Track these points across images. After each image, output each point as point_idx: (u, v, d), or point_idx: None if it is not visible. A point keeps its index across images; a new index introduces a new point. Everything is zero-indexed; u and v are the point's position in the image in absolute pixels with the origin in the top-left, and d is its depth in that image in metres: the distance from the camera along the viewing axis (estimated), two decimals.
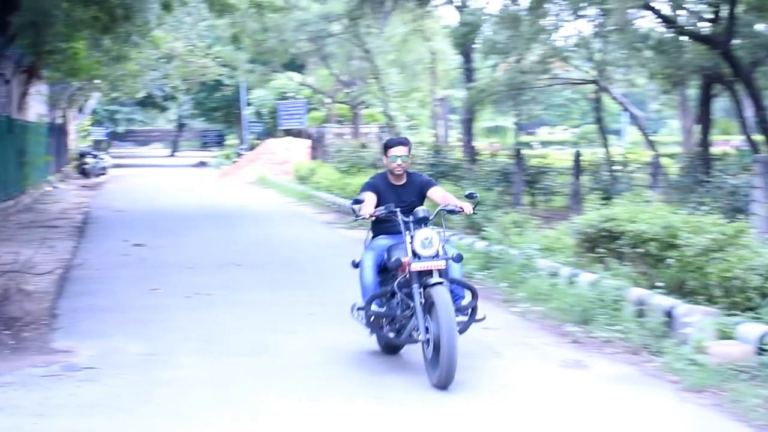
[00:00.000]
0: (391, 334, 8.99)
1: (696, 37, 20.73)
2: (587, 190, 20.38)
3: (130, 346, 10.07)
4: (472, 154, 30.50)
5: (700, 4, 21.66)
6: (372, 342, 9.78)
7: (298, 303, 12.63)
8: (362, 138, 41.75)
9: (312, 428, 7.28)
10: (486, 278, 14.04)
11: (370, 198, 9.17)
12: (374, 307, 8.92)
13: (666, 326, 9.87)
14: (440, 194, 9.46)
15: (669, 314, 9.92)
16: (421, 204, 9.29)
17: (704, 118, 22.39)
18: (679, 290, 10.74)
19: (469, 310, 8.86)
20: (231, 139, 74.02)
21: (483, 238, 16.00)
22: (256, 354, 9.68)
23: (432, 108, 46.07)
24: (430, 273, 8.51)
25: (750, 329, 8.88)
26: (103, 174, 49.33)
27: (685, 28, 20.89)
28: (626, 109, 36.09)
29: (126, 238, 20.10)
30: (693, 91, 27.56)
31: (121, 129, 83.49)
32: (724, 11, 19.86)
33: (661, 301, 10.24)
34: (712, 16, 20.65)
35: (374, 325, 8.97)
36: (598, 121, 31.13)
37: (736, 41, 19.99)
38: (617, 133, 62.75)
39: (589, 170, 22.24)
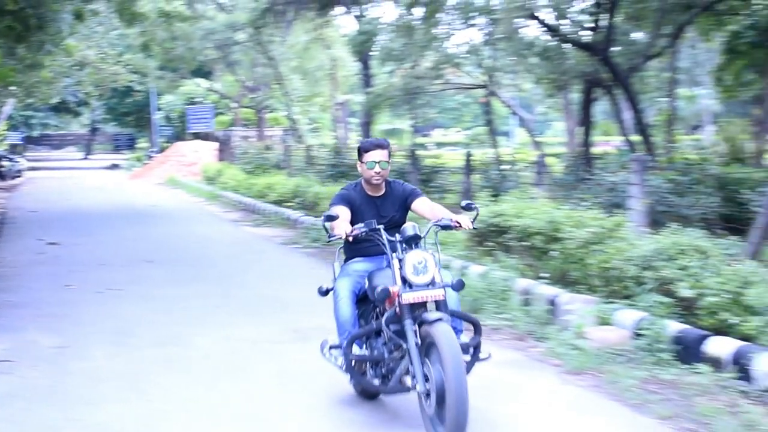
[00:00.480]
0: (376, 381, 6.96)
1: (578, 44, 21.00)
2: (478, 187, 20.45)
3: (44, 339, 9.94)
4: None
5: (581, 14, 21.92)
6: (273, 332, 9.76)
7: (207, 297, 12.53)
8: (267, 140, 41.78)
9: (216, 412, 7.25)
10: None
11: (344, 213, 7.05)
12: (355, 349, 6.92)
13: (550, 314, 10.02)
14: (428, 206, 7.31)
15: (552, 303, 10.07)
16: (404, 218, 7.39)
17: (586, 120, 22.63)
18: (562, 280, 10.91)
19: (472, 348, 6.85)
20: (142, 143, 73.26)
21: None
22: (165, 345, 9.60)
23: (333, 112, 46.21)
24: (424, 305, 6.49)
25: (626, 315, 9.04)
26: (19, 176, 48.54)
27: (568, 36, 21.13)
28: (514, 112, 36.60)
29: (41, 237, 19.83)
30: (576, 95, 27.85)
31: (36, 133, 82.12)
32: (604, 20, 20.15)
33: (545, 290, 10.38)
34: (592, 25, 20.91)
35: (355, 370, 6.96)
36: (489, 123, 31.43)
37: (614, 48, 20.29)
38: (506, 134, 63.36)
39: (480, 169, 22.34)
